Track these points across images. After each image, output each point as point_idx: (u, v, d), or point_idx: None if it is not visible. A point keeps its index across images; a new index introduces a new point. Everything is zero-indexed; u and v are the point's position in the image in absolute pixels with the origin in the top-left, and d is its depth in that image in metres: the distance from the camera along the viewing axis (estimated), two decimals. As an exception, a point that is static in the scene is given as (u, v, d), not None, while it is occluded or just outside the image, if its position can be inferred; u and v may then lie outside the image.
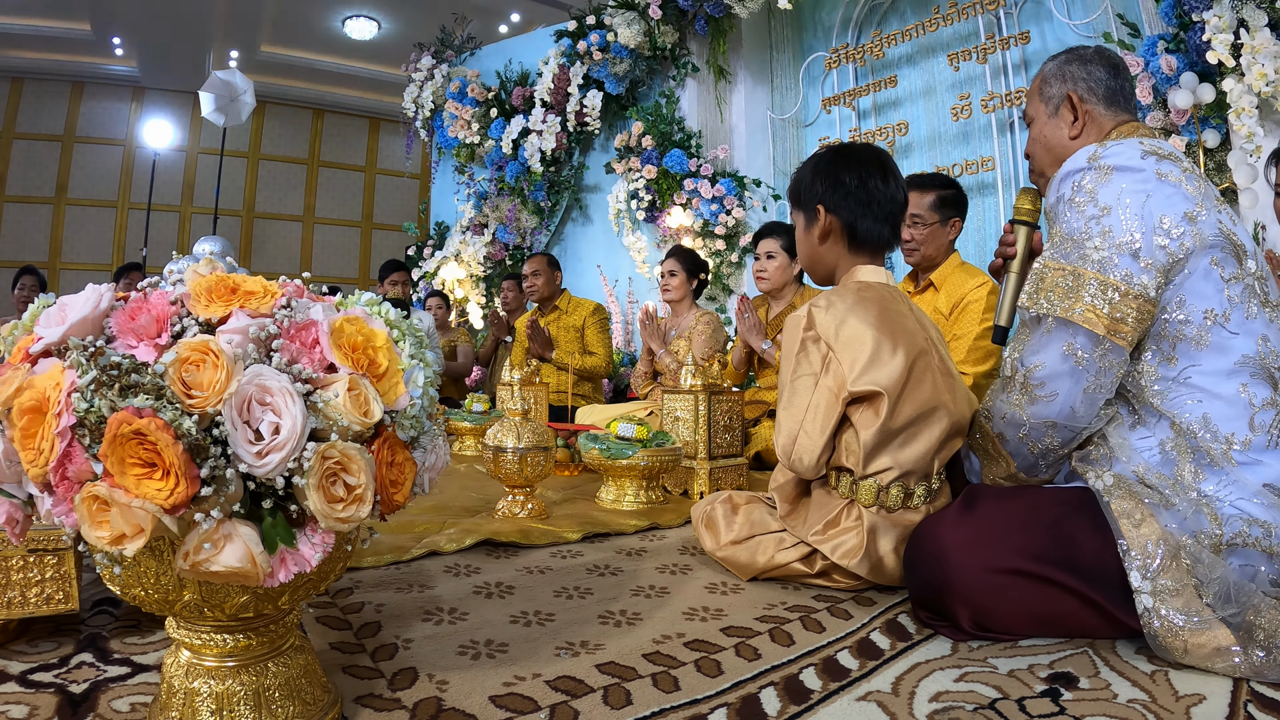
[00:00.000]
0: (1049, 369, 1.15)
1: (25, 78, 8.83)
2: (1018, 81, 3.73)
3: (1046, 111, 1.35)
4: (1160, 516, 1.06)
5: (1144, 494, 1.09)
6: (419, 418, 0.78)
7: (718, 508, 1.49)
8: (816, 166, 1.47)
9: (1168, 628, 0.99)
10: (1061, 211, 1.19)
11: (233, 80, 7.02)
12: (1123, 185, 1.12)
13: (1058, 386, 1.15)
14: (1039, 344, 1.17)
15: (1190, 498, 1.07)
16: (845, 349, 1.30)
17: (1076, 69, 1.32)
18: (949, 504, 1.30)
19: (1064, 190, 1.19)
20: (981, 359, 2.31)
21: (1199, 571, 1.01)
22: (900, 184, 1.45)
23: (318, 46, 9.05)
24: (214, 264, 0.76)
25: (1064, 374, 1.14)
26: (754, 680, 0.97)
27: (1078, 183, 1.16)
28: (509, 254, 5.84)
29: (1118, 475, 1.13)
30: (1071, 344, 1.13)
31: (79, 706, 0.85)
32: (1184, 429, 1.11)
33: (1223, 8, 2.75)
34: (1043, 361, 1.16)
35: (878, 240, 1.44)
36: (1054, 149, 1.34)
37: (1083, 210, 1.14)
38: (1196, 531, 1.05)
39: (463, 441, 3.04)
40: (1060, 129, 1.33)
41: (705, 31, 4.74)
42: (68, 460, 0.64)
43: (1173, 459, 1.12)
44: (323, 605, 1.21)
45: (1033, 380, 1.18)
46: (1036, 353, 1.17)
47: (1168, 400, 1.13)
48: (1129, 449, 1.16)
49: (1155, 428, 1.15)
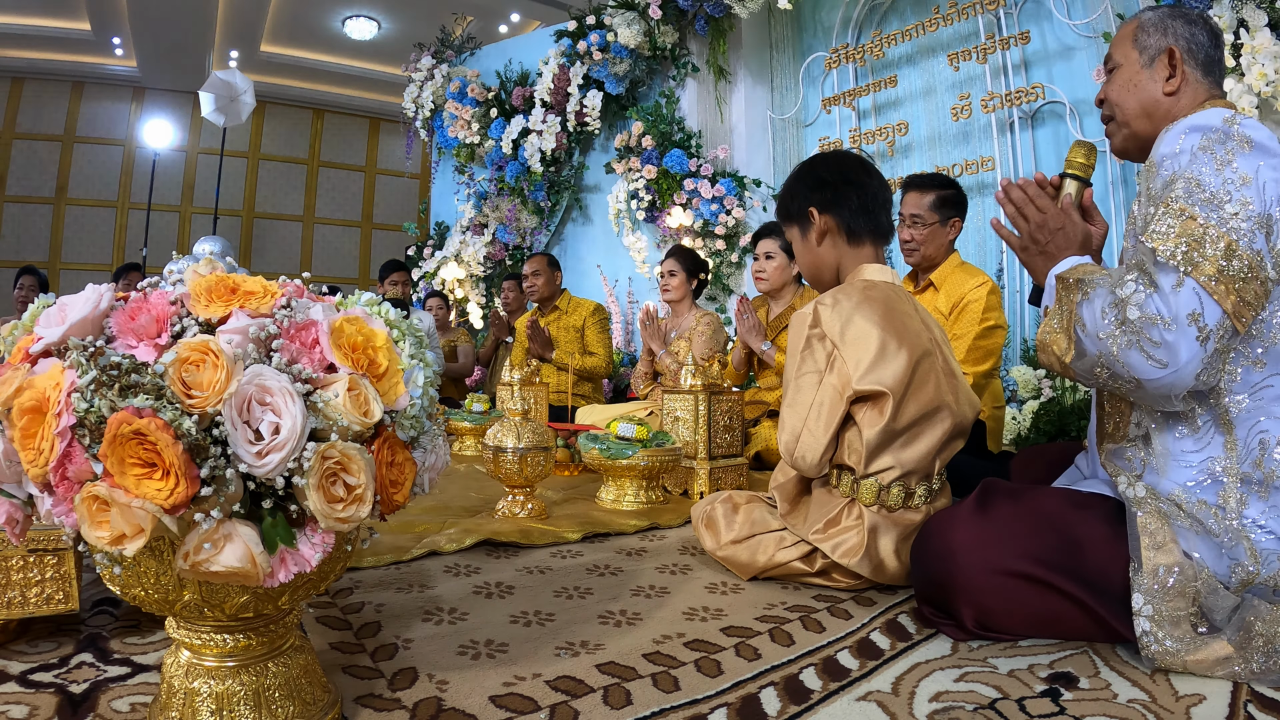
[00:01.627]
0: (1172, 331, 0.99)
1: (25, 77, 8.82)
2: (1018, 81, 3.73)
3: (1140, 60, 1.25)
4: (1186, 541, 1.02)
5: (1175, 515, 1.04)
6: (419, 418, 0.78)
7: (718, 507, 1.49)
8: (797, 177, 1.52)
9: (1164, 650, 0.99)
10: (1187, 163, 1.06)
11: (233, 80, 7.02)
12: (1260, 163, 1.03)
13: (1172, 353, 0.99)
14: (1166, 296, 1.00)
15: (1231, 525, 1.02)
16: (850, 348, 1.30)
17: (1180, 26, 1.24)
18: (962, 500, 1.29)
19: (1192, 141, 1.07)
20: (981, 358, 2.31)
21: (1208, 602, 0.99)
22: (881, 178, 1.48)
23: (318, 46, 9.04)
24: (214, 264, 0.76)
25: (1185, 342, 0.99)
26: (754, 680, 0.97)
27: (1213, 141, 1.05)
28: (509, 254, 5.84)
29: (1150, 488, 1.09)
30: (1199, 313, 0.99)
31: (79, 706, 0.84)
32: (1244, 445, 1.04)
33: (1223, 8, 2.75)
34: (1166, 317, 1.00)
35: (874, 230, 1.46)
36: (1145, 102, 1.25)
37: (1221, 170, 1.03)
38: (1233, 565, 1.01)
39: (463, 441, 3.04)
40: (1154, 82, 1.24)
41: (705, 31, 4.74)
42: (68, 460, 0.64)
43: (1221, 481, 1.05)
44: (323, 605, 1.21)
45: (1150, 333, 1.00)
46: (1163, 305, 1.00)
47: (1243, 411, 1.04)
48: (1171, 461, 1.08)
49: (1207, 441, 1.07)
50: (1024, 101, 3.65)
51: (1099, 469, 1.25)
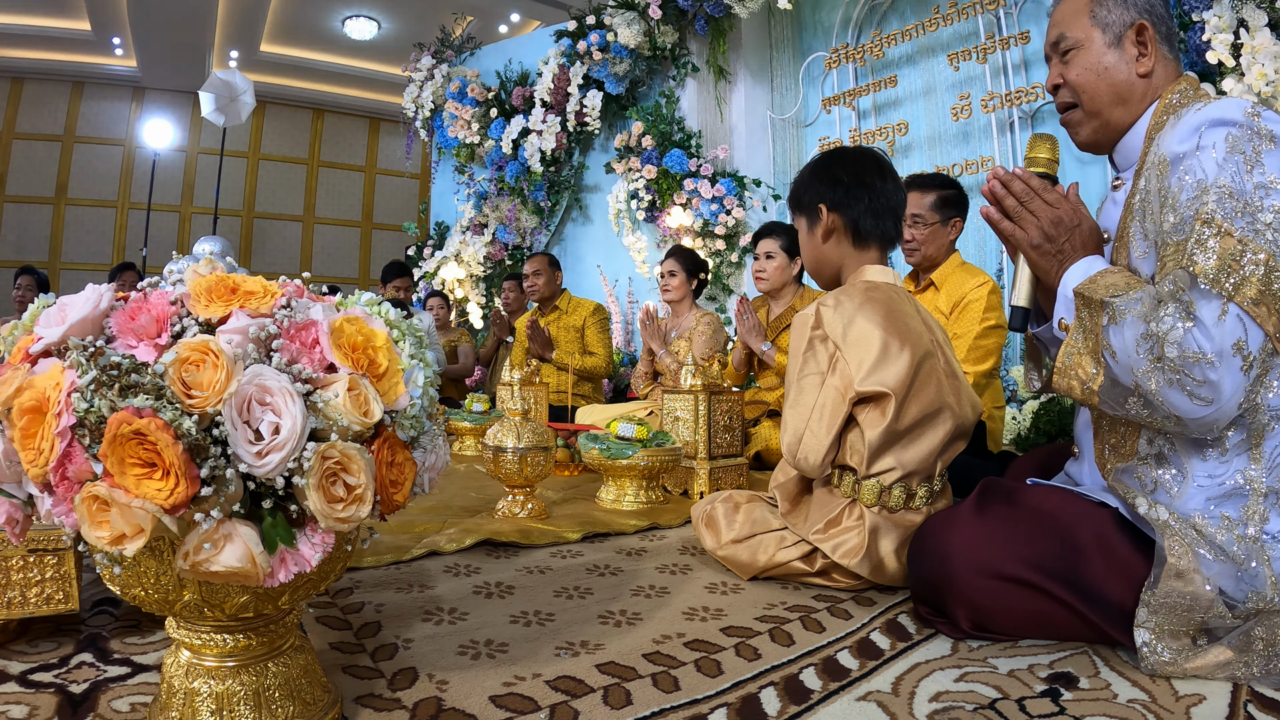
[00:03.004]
0: (1217, 369, 0.91)
1: (25, 77, 8.83)
2: (1018, 81, 3.73)
3: (1104, 39, 1.13)
4: (1207, 568, 0.96)
5: (1197, 542, 0.98)
6: (419, 418, 0.78)
7: (718, 506, 1.49)
8: (814, 169, 1.50)
9: (1162, 661, 0.98)
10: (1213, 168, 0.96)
11: (233, 80, 7.02)
12: None
13: (1217, 390, 0.92)
14: (1208, 329, 0.92)
15: (1249, 540, 0.97)
16: (853, 349, 1.30)
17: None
18: (960, 501, 1.28)
19: (1214, 138, 0.97)
20: (982, 358, 2.31)
21: (1212, 624, 0.97)
22: (898, 182, 1.46)
23: (318, 46, 9.05)
24: (214, 264, 0.76)
25: (1230, 376, 0.91)
26: (754, 680, 0.97)
27: (1238, 138, 0.96)
28: (509, 254, 5.85)
29: (1170, 510, 1.03)
30: (1243, 341, 0.91)
31: (79, 706, 0.84)
32: (1269, 459, 0.99)
33: (1223, 8, 2.75)
34: (1210, 353, 0.91)
35: (881, 235, 1.45)
36: (1119, 86, 1.13)
37: (1250, 172, 0.94)
38: (1249, 592, 0.96)
39: (463, 441, 3.04)
40: (1125, 63, 1.12)
41: (705, 31, 4.74)
42: (68, 460, 0.64)
43: (1244, 496, 0.99)
44: (323, 605, 1.21)
45: (1194, 373, 0.92)
46: (1205, 339, 0.92)
47: (1274, 423, 0.99)
48: (1190, 482, 1.02)
49: (1232, 458, 1.01)
50: (1024, 101, 3.65)
51: (1092, 478, 1.21)
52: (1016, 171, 1.15)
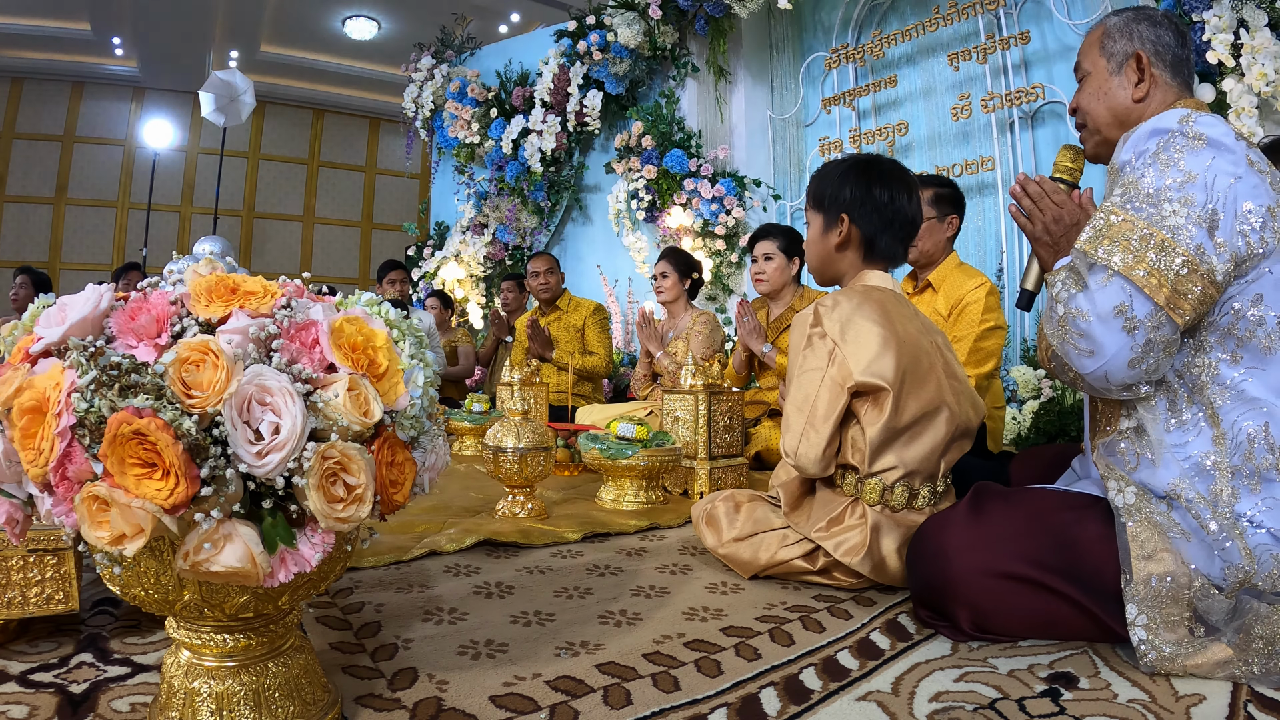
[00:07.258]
0: (1095, 324, 1.06)
1: (25, 78, 8.82)
2: (1018, 81, 3.73)
3: (1108, 68, 1.28)
4: (1178, 546, 1.02)
5: (1165, 523, 1.04)
6: (419, 418, 0.78)
7: (719, 505, 1.49)
8: (847, 175, 1.47)
9: (1161, 657, 0.98)
10: (1138, 166, 1.10)
11: (233, 80, 7.03)
12: (1211, 159, 1.05)
13: (1097, 345, 1.06)
14: (1092, 293, 1.06)
15: (1225, 519, 1.02)
16: (851, 345, 1.32)
17: (1145, 29, 1.25)
18: (955, 503, 1.30)
19: (1148, 145, 1.10)
20: (983, 360, 2.31)
21: (1203, 605, 0.99)
22: (919, 205, 1.49)
23: (318, 46, 9.04)
24: (214, 264, 0.76)
25: (1109, 334, 1.04)
26: (754, 680, 0.97)
27: (1165, 142, 1.08)
28: (509, 254, 5.84)
29: (1142, 491, 1.08)
30: (1126, 305, 1.03)
31: (79, 706, 0.84)
32: (1231, 439, 1.05)
33: (1223, 8, 2.75)
34: (1087, 312, 1.06)
35: (892, 256, 1.48)
36: (1116, 108, 1.27)
37: (1165, 171, 1.06)
38: (1226, 567, 1.00)
39: (463, 441, 3.04)
40: (1124, 89, 1.26)
41: (705, 31, 4.74)
42: (68, 460, 0.64)
43: (1211, 475, 1.05)
44: (323, 605, 1.21)
45: (1074, 327, 1.08)
46: (1086, 301, 1.07)
47: (1227, 403, 1.06)
48: (1165, 451, 1.09)
49: (1195, 433, 1.08)
50: (1024, 101, 3.65)
51: (1091, 468, 1.25)
52: (1036, 177, 1.31)
